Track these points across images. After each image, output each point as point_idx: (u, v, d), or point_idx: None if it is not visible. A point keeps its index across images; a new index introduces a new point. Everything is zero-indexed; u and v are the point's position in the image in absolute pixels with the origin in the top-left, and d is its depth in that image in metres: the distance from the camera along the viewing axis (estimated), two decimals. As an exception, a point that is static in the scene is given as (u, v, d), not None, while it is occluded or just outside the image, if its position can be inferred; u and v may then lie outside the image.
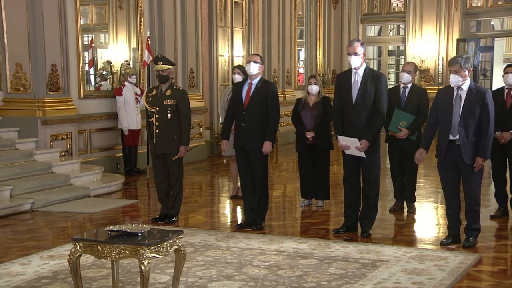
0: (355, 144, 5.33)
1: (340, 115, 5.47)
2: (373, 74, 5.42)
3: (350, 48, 5.36)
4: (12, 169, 7.32)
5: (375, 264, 4.72)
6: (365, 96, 5.32)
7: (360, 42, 5.41)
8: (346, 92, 5.39)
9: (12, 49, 8.11)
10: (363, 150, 5.34)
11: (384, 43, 16.40)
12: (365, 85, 5.32)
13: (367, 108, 5.32)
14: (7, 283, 4.31)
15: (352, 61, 5.36)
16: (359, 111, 5.33)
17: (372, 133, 5.36)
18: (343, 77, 5.54)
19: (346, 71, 5.55)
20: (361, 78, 5.35)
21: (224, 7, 12.06)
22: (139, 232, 3.77)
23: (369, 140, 5.32)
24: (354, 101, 5.33)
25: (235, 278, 4.40)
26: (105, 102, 9.37)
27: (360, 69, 5.38)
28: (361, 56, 5.35)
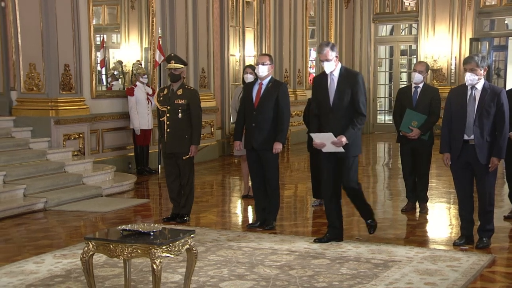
0: (330, 139, 5.09)
1: (317, 117, 5.29)
2: (349, 74, 5.22)
3: (322, 56, 5.14)
4: (25, 168, 7.37)
5: (387, 265, 4.70)
6: (342, 97, 5.11)
7: (329, 46, 5.15)
8: (322, 95, 5.20)
9: (25, 49, 8.17)
10: (340, 145, 5.09)
11: (396, 43, 16.33)
12: (341, 86, 5.12)
13: (345, 110, 5.12)
14: (21, 281, 4.34)
15: (326, 68, 5.17)
16: (336, 114, 5.13)
17: (350, 131, 5.11)
18: (319, 79, 5.32)
19: (322, 73, 5.31)
20: (336, 80, 5.16)
21: (235, 7, 12.07)
22: (151, 232, 3.79)
23: (346, 137, 5.09)
24: (331, 103, 5.14)
25: (247, 277, 4.40)
26: (117, 102, 9.42)
27: (335, 71, 5.18)
28: (333, 60, 5.13)
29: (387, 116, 16.92)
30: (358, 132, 5.22)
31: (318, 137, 5.18)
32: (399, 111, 6.54)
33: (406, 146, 6.55)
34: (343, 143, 5.07)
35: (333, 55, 5.13)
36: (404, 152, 6.64)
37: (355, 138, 5.20)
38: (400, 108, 6.55)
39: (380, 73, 16.77)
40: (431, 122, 6.39)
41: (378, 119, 16.69)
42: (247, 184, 7.48)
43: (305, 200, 7.75)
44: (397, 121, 6.54)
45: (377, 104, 16.66)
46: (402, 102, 6.55)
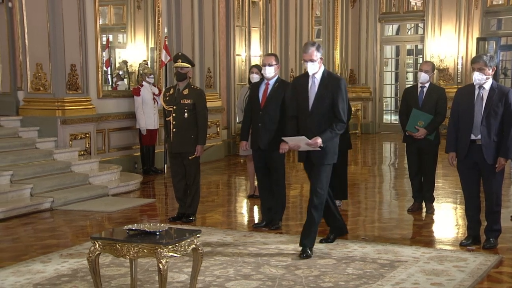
0: (303, 141, 4.84)
1: (294, 119, 5.04)
2: (331, 78, 4.93)
3: (306, 55, 4.87)
4: (32, 168, 7.40)
5: (394, 265, 4.68)
6: (322, 102, 4.85)
7: (315, 46, 4.89)
8: (302, 98, 4.93)
9: (32, 50, 8.20)
10: (314, 146, 4.82)
11: (402, 42, 16.28)
12: (322, 90, 4.86)
13: (324, 115, 4.85)
14: (28, 280, 4.36)
15: (309, 69, 4.88)
16: (315, 118, 4.85)
17: (327, 135, 4.83)
18: (300, 81, 5.04)
19: (303, 74, 5.05)
20: (318, 83, 4.89)
21: (241, 6, 12.07)
22: (157, 231, 3.79)
23: (322, 139, 4.80)
24: (311, 107, 4.87)
25: (253, 277, 4.40)
26: (123, 102, 9.44)
27: (317, 73, 4.91)
28: (318, 61, 4.87)
29: (393, 116, 16.88)
30: (336, 139, 4.95)
31: (291, 140, 4.98)
32: (405, 111, 6.52)
33: (412, 146, 6.54)
34: (318, 145, 4.80)
35: (318, 56, 4.87)
36: (410, 152, 6.62)
37: (332, 146, 4.92)
38: (406, 108, 6.53)
39: (386, 73, 16.73)
40: (437, 122, 6.37)
41: (384, 119, 16.66)
42: (253, 184, 7.48)
43: (311, 200, 7.72)
44: (403, 121, 6.52)
45: (383, 104, 16.62)
46: (408, 102, 6.53)
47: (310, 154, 4.94)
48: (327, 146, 4.87)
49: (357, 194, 7.94)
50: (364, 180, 9.18)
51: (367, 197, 7.91)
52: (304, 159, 5.02)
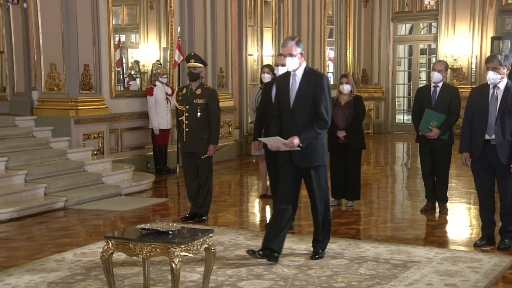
0: (279, 142, 4.59)
1: (278, 119, 4.81)
2: (313, 75, 4.69)
3: (285, 49, 4.62)
4: (46, 167, 7.46)
5: (407, 265, 4.66)
6: (303, 100, 4.60)
7: (295, 41, 4.64)
8: (283, 96, 4.70)
9: (47, 50, 8.26)
10: (291, 146, 4.56)
11: (415, 42, 16.18)
12: (303, 88, 4.62)
13: (306, 113, 4.61)
14: (42, 278, 4.40)
15: (288, 64, 4.64)
16: (297, 117, 4.61)
17: (306, 134, 4.55)
18: (281, 80, 4.83)
19: (285, 73, 4.85)
20: (299, 80, 4.65)
21: (253, 6, 12.07)
22: (169, 231, 3.81)
23: (300, 139, 4.54)
24: (292, 106, 4.63)
25: (265, 277, 4.40)
26: (136, 102, 9.48)
27: (298, 70, 4.66)
28: (298, 57, 4.61)
29: (406, 115, 16.79)
30: (320, 139, 4.67)
31: (266, 140, 4.75)
32: (418, 111, 6.48)
33: (426, 146, 6.50)
34: (295, 145, 4.53)
35: (298, 51, 4.61)
36: (423, 152, 6.58)
37: (318, 147, 4.66)
38: (419, 108, 6.49)
39: (399, 73, 16.64)
40: (450, 122, 6.33)
41: (397, 118, 16.57)
42: (265, 184, 7.48)
43: (323, 200, 7.71)
44: (416, 121, 6.48)
45: (396, 103, 16.54)
46: (421, 102, 6.49)
47: (292, 157, 4.65)
48: (312, 146, 4.61)
49: (370, 194, 7.91)
50: (376, 180, 9.14)
51: (379, 197, 7.87)
52: (284, 162, 4.70)
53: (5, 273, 4.53)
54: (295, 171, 4.71)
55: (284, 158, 4.72)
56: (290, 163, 4.69)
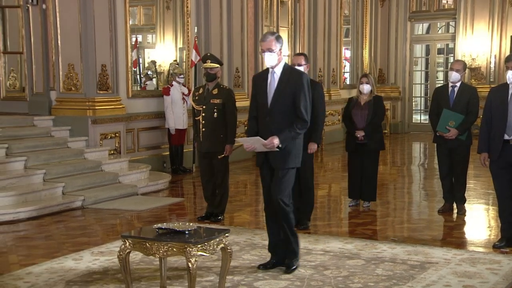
0: (259, 142, 4.37)
1: (254, 119, 4.57)
2: (292, 73, 4.49)
3: (264, 44, 4.41)
4: (64, 167, 7.53)
5: (424, 266, 4.62)
6: (282, 99, 4.38)
7: (275, 36, 4.45)
8: (261, 95, 4.48)
9: (65, 50, 8.34)
10: (270, 146, 4.35)
11: (433, 41, 16.05)
12: (282, 86, 4.40)
13: (285, 113, 4.38)
14: (61, 277, 4.44)
15: (267, 59, 4.42)
16: (275, 117, 4.39)
17: (286, 135, 4.35)
18: (259, 78, 4.60)
19: (263, 71, 4.66)
20: (278, 78, 4.44)
21: (270, 6, 12.07)
22: (186, 230, 3.82)
23: (280, 139, 4.34)
24: (270, 104, 4.41)
25: (281, 277, 4.39)
26: (152, 102, 9.53)
27: (277, 67, 4.45)
28: (277, 53, 4.41)
29: (423, 115, 16.67)
30: (298, 140, 4.46)
31: (246, 141, 4.48)
32: (435, 111, 6.43)
33: (443, 146, 6.44)
34: (274, 145, 4.33)
35: (277, 46, 4.41)
36: (441, 152, 6.52)
37: (293, 148, 4.44)
38: (436, 108, 6.43)
39: (416, 72, 16.53)
40: (469, 122, 6.27)
41: (414, 118, 16.45)
42: (281, 184, 7.46)
43: (339, 200, 7.70)
44: (434, 121, 6.43)
45: (413, 103, 16.42)
46: (439, 102, 6.44)
47: (268, 157, 4.45)
48: (287, 148, 4.39)
49: (386, 194, 7.86)
50: (393, 180, 9.09)
51: (396, 198, 7.82)
52: (261, 163, 4.50)
53: (25, 271, 4.59)
54: (273, 172, 4.48)
55: (261, 159, 4.51)
56: (267, 164, 4.48)
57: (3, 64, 9.09)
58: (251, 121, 4.60)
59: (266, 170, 4.53)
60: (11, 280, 4.37)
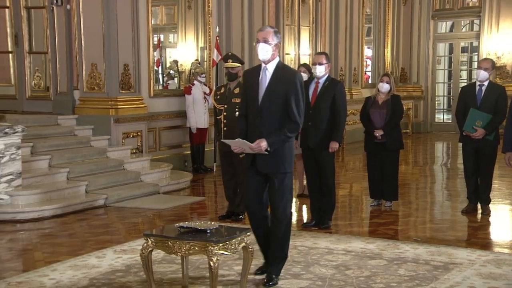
0: (246, 145, 4.11)
1: (244, 118, 4.28)
2: (285, 71, 4.21)
3: (261, 33, 4.15)
4: (87, 165, 7.61)
5: (448, 267, 4.57)
6: (273, 98, 4.10)
7: (274, 30, 4.19)
8: (252, 92, 4.19)
9: (88, 50, 8.43)
10: (258, 150, 4.09)
11: (457, 40, 15.84)
12: (273, 84, 4.11)
13: (276, 113, 4.10)
14: (84, 274, 4.49)
15: (260, 50, 4.12)
16: (265, 117, 4.11)
17: (276, 138, 4.07)
18: (250, 74, 4.30)
19: (255, 67, 4.36)
20: (270, 76, 4.15)
21: (291, 5, 12.05)
22: (208, 229, 3.84)
23: (268, 142, 4.06)
24: (260, 103, 4.12)
25: (302, 277, 4.38)
26: (174, 101, 9.58)
27: (270, 64, 4.16)
28: (272, 47, 4.13)
29: (446, 115, 16.47)
30: (289, 143, 4.18)
31: (232, 143, 4.20)
32: (462, 110, 6.33)
33: (470, 146, 6.34)
34: (262, 149, 4.06)
35: (274, 40, 4.14)
36: (467, 152, 6.42)
37: (283, 151, 4.15)
38: (463, 107, 6.33)
39: (439, 71, 16.34)
40: (497, 122, 6.15)
41: (436, 118, 16.27)
42: (302, 183, 7.46)
43: (360, 200, 7.65)
44: (460, 121, 6.33)
45: (435, 102, 16.24)
46: (466, 101, 6.33)
47: (256, 161, 4.16)
48: (279, 151, 4.12)
49: (408, 194, 7.79)
50: (415, 180, 9.00)
51: (418, 198, 7.75)
52: (248, 165, 4.22)
53: (50, 268, 4.65)
54: (260, 177, 4.20)
55: (247, 162, 4.21)
56: (254, 168, 4.18)
57: (29, 64, 9.21)
58: (241, 120, 4.29)
59: (252, 173, 4.20)
60: (36, 276, 4.44)
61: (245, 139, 4.14)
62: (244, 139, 4.13)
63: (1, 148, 6.42)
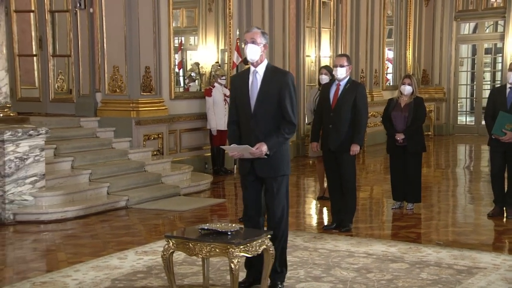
0: (247, 150, 4.02)
1: (235, 124, 4.18)
2: (276, 72, 4.12)
3: (248, 34, 4.07)
4: (109, 167, 7.68)
5: (471, 271, 4.50)
6: (266, 101, 4.02)
7: (261, 30, 4.12)
8: (242, 97, 4.09)
9: (110, 53, 8.52)
10: (259, 154, 4.01)
11: (480, 41, 15.63)
12: (266, 87, 4.04)
13: (270, 116, 4.03)
14: (106, 275, 4.53)
15: (249, 51, 4.03)
16: (260, 121, 4.03)
17: (274, 140, 4.01)
18: (239, 79, 4.24)
19: (243, 71, 4.32)
20: (261, 79, 4.06)
21: (311, 7, 12.02)
22: (228, 231, 3.84)
23: (268, 146, 4.00)
24: (253, 108, 4.04)
25: (323, 279, 4.36)
26: (194, 103, 9.62)
27: (259, 66, 4.07)
28: (261, 47, 4.04)
29: (468, 117, 16.27)
30: (286, 145, 4.13)
31: (232, 149, 4.11)
32: (491, 113, 6.22)
33: (498, 149, 6.23)
34: (262, 153, 4.00)
35: (262, 41, 4.05)
36: (495, 155, 6.31)
37: (281, 154, 4.09)
38: (492, 110, 6.22)
39: (462, 73, 16.14)
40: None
41: (459, 120, 16.08)
42: (322, 185, 7.43)
43: (381, 202, 7.59)
44: (489, 123, 6.23)
45: (458, 105, 16.05)
46: (495, 103, 6.23)
47: (254, 166, 4.08)
48: (276, 154, 4.05)
49: (430, 197, 7.71)
50: (437, 183, 8.90)
51: (440, 201, 7.66)
52: (247, 172, 4.13)
53: (72, 268, 4.70)
54: (258, 182, 4.15)
55: (246, 168, 4.12)
56: (253, 174, 4.11)
57: (52, 67, 9.34)
58: (232, 126, 4.19)
59: (251, 179, 4.13)
60: (60, 277, 4.49)
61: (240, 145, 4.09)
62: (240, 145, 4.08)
63: (26, 149, 6.51)
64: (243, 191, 4.27)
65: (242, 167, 4.20)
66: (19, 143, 6.46)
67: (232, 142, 4.16)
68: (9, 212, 6.34)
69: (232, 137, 4.20)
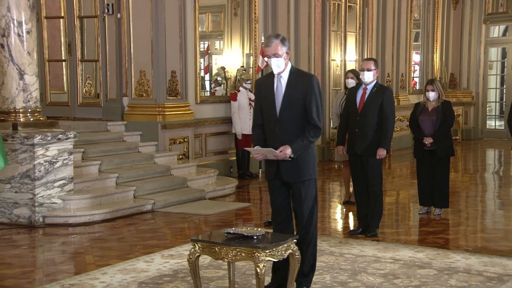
0: (271, 153, 4.04)
1: (259, 127, 4.19)
2: (301, 76, 4.12)
3: (269, 49, 4.05)
4: (135, 171, 7.76)
5: (502, 279, 4.42)
6: (292, 105, 4.03)
7: (280, 39, 4.06)
8: (268, 101, 4.11)
9: (137, 57, 8.61)
10: (283, 157, 4.02)
11: (510, 44, 15.36)
12: (290, 91, 4.04)
13: (295, 120, 4.04)
14: (133, 278, 4.57)
15: (273, 65, 4.05)
16: (285, 125, 4.04)
17: (299, 144, 4.01)
18: (264, 83, 4.22)
19: (267, 75, 4.28)
20: (285, 83, 4.07)
21: (337, 11, 11.98)
22: (254, 235, 3.83)
23: (292, 149, 3.99)
24: (278, 112, 4.05)
25: (350, 285, 4.33)
26: (220, 107, 9.66)
27: (284, 72, 4.09)
28: (284, 57, 4.04)
29: (498, 121, 15.97)
30: (312, 149, 4.12)
31: (256, 151, 4.13)
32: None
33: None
34: (287, 156, 4.00)
35: (283, 50, 4.04)
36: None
37: (307, 157, 4.09)
38: None
39: (491, 77, 15.87)
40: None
41: (488, 124, 15.81)
42: (348, 190, 7.38)
43: (407, 207, 7.50)
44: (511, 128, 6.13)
45: (487, 109, 15.79)
46: None
47: (280, 171, 4.09)
48: (301, 158, 4.05)
49: (458, 203, 7.59)
50: (465, 188, 8.76)
51: (468, 206, 7.54)
52: (273, 176, 4.14)
53: (100, 271, 4.75)
54: (284, 186, 4.15)
55: (272, 173, 4.14)
56: (279, 178, 4.13)
57: (80, 71, 9.48)
58: (256, 129, 4.21)
59: (277, 184, 4.15)
60: (88, 279, 4.55)
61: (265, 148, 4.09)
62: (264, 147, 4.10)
63: (55, 153, 6.62)
64: (270, 196, 4.26)
65: (268, 172, 4.21)
66: (49, 147, 6.56)
67: (256, 145, 4.17)
68: (39, 215, 6.45)
69: (256, 140, 4.21)
